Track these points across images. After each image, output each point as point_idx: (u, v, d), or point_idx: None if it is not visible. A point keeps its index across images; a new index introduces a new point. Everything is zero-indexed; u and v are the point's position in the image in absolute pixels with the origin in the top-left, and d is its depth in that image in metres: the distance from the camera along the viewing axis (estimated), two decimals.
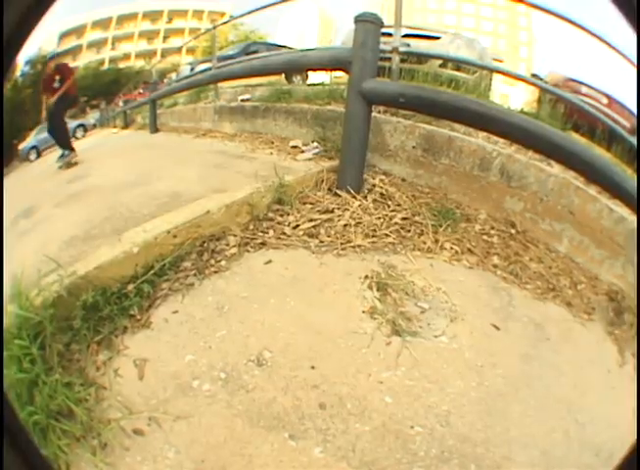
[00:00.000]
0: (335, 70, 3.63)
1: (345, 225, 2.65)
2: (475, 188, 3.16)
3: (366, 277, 2.27)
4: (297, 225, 2.62)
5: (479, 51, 6.67)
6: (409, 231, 2.71)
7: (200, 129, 5.93)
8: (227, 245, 2.37)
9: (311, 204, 2.84)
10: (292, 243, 2.50)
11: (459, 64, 5.29)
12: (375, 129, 3.32)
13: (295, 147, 3.91)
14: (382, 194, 2.98)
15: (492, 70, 5.33)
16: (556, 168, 3.10)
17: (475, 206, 3.14)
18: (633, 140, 5.25)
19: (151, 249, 2.12)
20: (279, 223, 2.63)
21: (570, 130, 4.77)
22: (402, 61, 4.15)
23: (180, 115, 7.54)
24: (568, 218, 3.11)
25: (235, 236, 2.42)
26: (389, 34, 5.01)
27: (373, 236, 2.61)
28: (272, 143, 4.24)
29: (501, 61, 8.16)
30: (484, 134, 3.21)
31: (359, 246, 2.52)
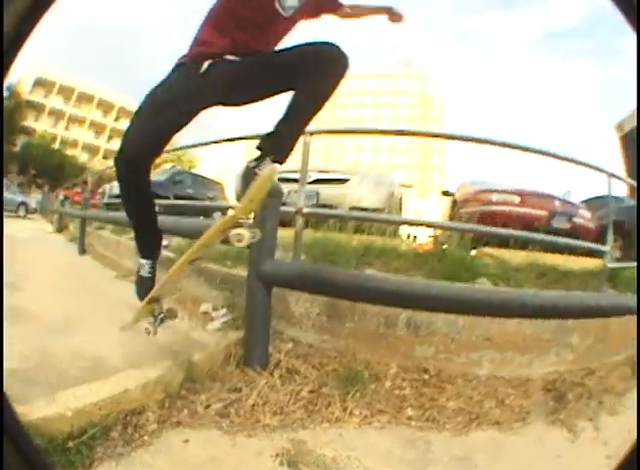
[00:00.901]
0: None
1: (254, 405, 2.73)
2: (382, 345, 3.34)
3: (277, 455, 2.35)
4: (209, 405, 2.70)
5: (387, 185, 7.29)
6: (316, 404, 2.82)
7: (122, 267, 6.14)
8: (147, 420, 2.45)
9: (221, 381, 2.94)
10: (205, 423, 2.57)
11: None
12: (279, 297, 3.49)
13: (205, 313, 4.04)
14: (288, 369, 3.10)
15: (396, 223, 5.67)
16: None
17: (384, 361, 3.28)
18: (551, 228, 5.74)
19: (82, 414, 2.22)
20: (192, 402, 2.70)
21: (482, 246, 5.14)
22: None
23: (106, 242, 7.66)
24: (485, 345, 3.34)
25: (154, 412, 2.50)
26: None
27: (281, 413, 2.70)
28: (185, 304, 4.31)
29: (410, 186, 8.83)
30: None
31: (268, 425, 2.60)
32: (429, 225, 5.74)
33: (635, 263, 5.73)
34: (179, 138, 2.89)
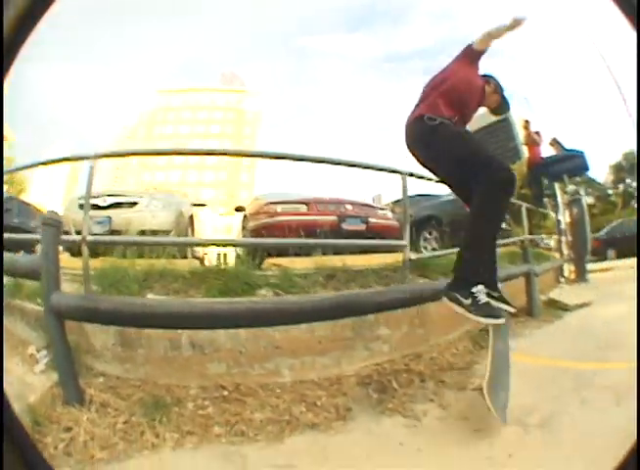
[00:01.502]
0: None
1: (85, 442, 2.74)
2: (176, 367, 3.40)
3: None
4: (56, 446, 2.70)
5: (175, 205, 7.41)
6: (132, 434, 2.85)
7: None
8: None
9: (56, 422, 2.91)
10: (59, 463, 2.58)
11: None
12: (79, 330, 3.48)
13: (31, 355, 3.82)
14: (100, 403, 3.10)
15: (177, 244, 5.83)
16: None
17: (183, 383, 3.34)
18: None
19: None
20: (45, 444, 2.69)
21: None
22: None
23: None
24: (277, 353, 3.44)
25: None
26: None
27: (107, 447, 2.72)
28: (18, 348, 3.99)
29: (204, 204, 8.98)
30: None
31: (101, 459, 2.63)
32: (210, 244, 6.06)
33: (444, 252, 6.14)
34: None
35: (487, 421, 3.07)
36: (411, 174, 4.92)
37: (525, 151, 9.43)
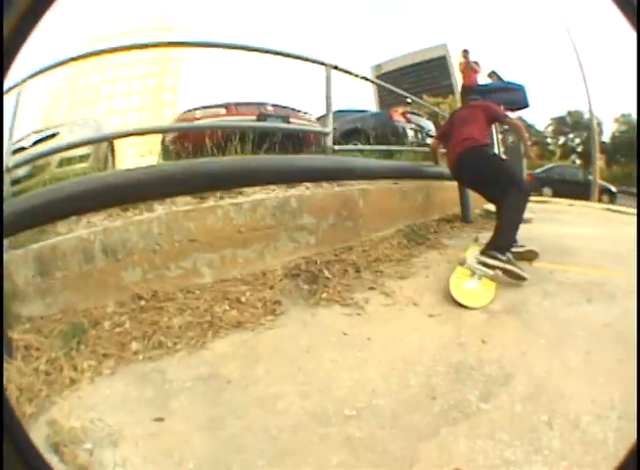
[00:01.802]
0: None
1: (17, 398, 2.51)
2: (92, 284, 3.19)
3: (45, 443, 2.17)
4: None
5: (93, 129, 7.44)
6: (51, 374, 2.64)
7: None
8: None
9: None
10: None
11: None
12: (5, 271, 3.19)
13: None
14: (25, 347, 2.88)
15: (107, 139, 6.21)
16: (158, 210, 3.25)
17: (102, 302, 3.11)
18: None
19: None
20: None
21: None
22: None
23: None
24: (193, 248, 3.24)
25: None
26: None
27: (34, 398, 2.51)
28: None
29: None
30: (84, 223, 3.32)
31: (31, 414, 2.40)
32: (147, 132, 6.04)
33: (369, 147, 6.25)
34: None
35: (441, 306, 3.09)
36: (335, 67, 4.87)
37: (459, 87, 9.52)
